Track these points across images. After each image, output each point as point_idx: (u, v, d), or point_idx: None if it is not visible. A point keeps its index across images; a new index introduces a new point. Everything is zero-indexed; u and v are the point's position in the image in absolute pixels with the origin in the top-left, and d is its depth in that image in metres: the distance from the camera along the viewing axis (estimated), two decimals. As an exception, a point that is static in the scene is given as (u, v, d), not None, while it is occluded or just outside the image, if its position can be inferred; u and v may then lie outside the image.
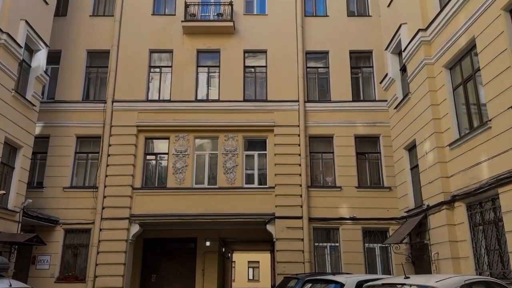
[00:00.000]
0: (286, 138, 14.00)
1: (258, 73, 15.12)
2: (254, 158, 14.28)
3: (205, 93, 14.97)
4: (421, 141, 10.56)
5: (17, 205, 11.20)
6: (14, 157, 11.34)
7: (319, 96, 14.92)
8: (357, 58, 15.23)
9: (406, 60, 11.41)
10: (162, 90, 14.94)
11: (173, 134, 14.21)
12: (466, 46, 8.99)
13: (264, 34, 15.06)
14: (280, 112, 14.27)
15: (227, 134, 14.23)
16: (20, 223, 11.29)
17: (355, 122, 14.19)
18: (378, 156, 14.15)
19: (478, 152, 8.47)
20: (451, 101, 9.64)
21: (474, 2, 8.56)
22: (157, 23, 15.21)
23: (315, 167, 14.19)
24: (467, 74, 9.26)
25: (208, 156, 14.33)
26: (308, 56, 15.11)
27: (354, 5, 15.92)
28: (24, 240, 10.32)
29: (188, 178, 13.80)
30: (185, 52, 14.93)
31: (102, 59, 14.94)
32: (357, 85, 15.01)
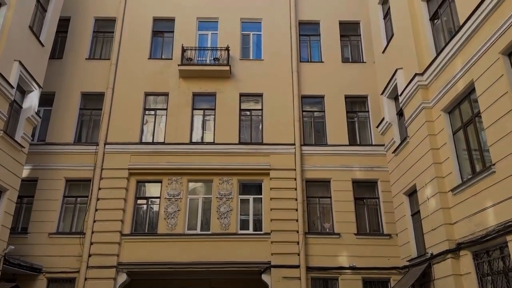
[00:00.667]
0: (283, 182, 13.65)
1: (254, 116, 15.01)
2: (249, 202, 13.84)
3: (200, 135, 14.74)
4: (422, 186, 10.25)
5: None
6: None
7: (315, 139, 14.76)
8: (352, 103, 15.23)
9: (403, 104, 11.35)
10: (156, 133, 14.71)
11: (166, 177, 13.82)
12: (465, 89, 8.93)
13: (260, 78, 15.11)
14: (276, 155, 14.01)
15: (221, 177, 13.86)
16: (0, 272, 10.56)
17: (352, 167, 13.94)
18: (376, 202, 13.78)
19: (482, 197, 8.15)
20: (452, 145, 9.45)
21: (471, 46, 8.59)
22: (154, 66, 15.25)
23: (312, 212, 13.74)
24: (467, 118, 9.14)
25: (202, 200, 13.87)
26: (304, 100, 15.09)
27: (348, 52, 16.16)
28: (2, 290, 9.59)
29: (180, 223, 13.26)
30: (181, 95, 14.86)
31: (96, 101, 14.80)
32: (353, 130, 14.90)
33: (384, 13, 13.64)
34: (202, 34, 16.00)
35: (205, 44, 15.85)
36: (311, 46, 16.16)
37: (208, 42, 15.87)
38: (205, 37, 15.98)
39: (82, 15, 15.91)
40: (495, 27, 7.73)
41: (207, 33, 15.99)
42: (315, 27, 16.20)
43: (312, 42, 16.18)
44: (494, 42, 7.77)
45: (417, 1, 11.00)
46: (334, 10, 16.24)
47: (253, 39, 16.05)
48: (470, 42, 8.64)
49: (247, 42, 15.97)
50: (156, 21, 16.07)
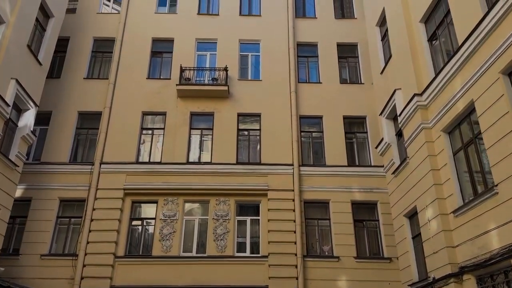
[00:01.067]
0: (281, 203, 13.42)
1: (252, 136, 14.89)
2: (247, 224, 13.56)
3: (197, 155, 14.58)
4: (423, 208, 10.05)
5: (-13, 274, 10.21)
6: (-12, 221, 10.55)
7: (313, 160, 14.61)
8: (351, 124, 15.16)
9: (402, 124, 11.26)
10: (153, 152, 14.55)
11: (161, 198, 13.58)
12: (465, 110, 8.86)
13: (258, 99, 15.07)
14: (274, 175, 13.83)
15: (218, 198, 13.63)
16: (-13, 295, 10.22)
17: (351, 188, 13.75)
18: (376, 224, 13.53)
19: (485, 219, 7.96)
20: (452, 166, 9.31)
21: (470, 66, 8.56)
22: (152, 86, 15.22)
23: (311, 234, 13.47)
24: (468, 138, 9.03)
25: (198, 222, 13.58)
26: (302, 120, 15.02)
27: (346, 73, 16.21)
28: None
29: (175, 245, 12.95)
30: (179, 114, 14.78)
31: (93, 121, 14.70)
32: (352, 150, 14.79)
33: (382, 34, 13.72)
34: (201, 55, 16.05)
35: (203, 64, 15.88)
36: (309, 67, 16.20)
37: (206, 63, 15.91)
38: (204, 58, 16.02)
39: (81, 35, 15.99)
40: (494, 46, 7.72)
41: (205, 53, 16.05)
42: (313, 48, 16.28)
43: (310, 63, 16.23)
44: (494, 61, 7.74)
45: (415, 23, 11.06)
46: (332, 32, 16.38)
47: (252, 59, 16.10)
48: (469, 62, 8.62)
49: (245, 63, 16.02)
50: (155, 42, 16.14)
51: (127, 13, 16.31)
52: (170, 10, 16.91)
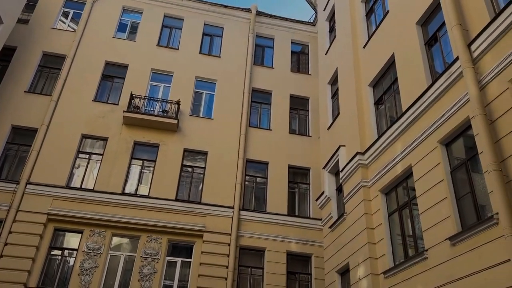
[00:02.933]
0: (216, 247, 12.97)
1: (196, 174, 14.54)
2: (177, 265, 12.88)
3: (134, 187, 13.90)
4: (355, 265, 10.07)
5: None
6: None
7: (255, 205, 14.46)
8: (295, 174, 15.32)
9: (343, 180, 11.49)
10: (86, 178, 13.69)
11: (88, 228, 12.65)
12: (403, 173, 9.20)
13: (207, 137, 14.91)
14: (213, 217, 13.45)
15: (150, 235, 12.93)
16: None
17: (288, 238, 13.65)
18: (309, 278, 13.39)
19: (414, 283, 8.06)
20: (386, 227, 9.50)
21: (411, 133, 8.99)
22: (97, 109, 14.60)
23: (242, 282, 13.02)
24: (403, 201, 9.32)
25: (124, 258, 12.70)
26: (248, 164, 14.97)
27: (296, 124, 16.60)
28: None
29: (95, 282, 11.94)
30: (121, 142, 14.18)
31: (27, 137, 13.71)
32: (293, 200, 14.85)
33: (333, 93, 14.29)
34: (154, 85, 15.79)
35: (156, 95, 15.58)
36: (261, 113, 16.43)
37: (159, 94, 15.63)
38: (157, 89, 15.76)
39: (30, 47, 15.24)
40: (435, 117, 8.19)
41: (159, 84, 15.82)
42: (267, 96, 16.61)
43: (262, 110, 16.48)
44: (434, 131, 8.19)
45: (364, 86, 11.63)
46: (287, 84, 16.88)
47: (206, 97, 16.07)
48: (411, 128, 9.07)
49: (199, 100, 15.95)
50: (108, 65, 15.72)
51: (84, 33, 15.87)
52: (129, 37, 16.69)
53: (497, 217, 6.21)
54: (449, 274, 7.08)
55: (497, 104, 6.73)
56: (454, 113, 7.70)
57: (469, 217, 7.23)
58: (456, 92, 7.72)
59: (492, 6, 7.41)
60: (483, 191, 7.02)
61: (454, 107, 7.70)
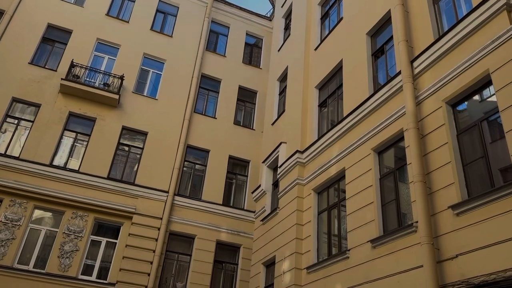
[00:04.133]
0: (145, 230, 12.69)
1: (132, 154, 14.08)
2: (101, 245, 12.44)
3: (64, 160, 13.17)
4: (281, 259, 10.34)
5: None
6: None
7: (190, 192, 14.31)
8: (234, 164, 15.37)
9: (280, 176, 11.72)
10: (12, 145, 12.75)
11: (8, 198, 11.84)
12: (336, 175, 9.56)
13: (149, 117, 14.48)
14: (145, 199, 13.13)
15: (76, 211, 12.37)
16: None
17: (219, 227, 13.69)
18: (235, 268, 13.55)
19: (334, 280, 8.44)
20: (315, 224, 9.84)
21: (348, 138, 9.36)
22: (32, 73, 13.62)
23: (168, 268, 12.88)
24: (333, 202, 9.70)
25: (45, 233, 12.05)
26: (189, 150, 14.76)
27: (241, 116, 16.62)
28: None
29: (10, 254, 11.22)
30: (55, 111, 13.36)
31: None
32: (230, 191, 14.91)
33: (280, 89, 14.49)
34: (98, 56, 15.02)
35: (99, 66, 14.82)
36: (208, 100, 16.26)
37: (102, 66, 14.89)
38: (101, 60, 15.00)
39: (-37, -6, 13.84)
40: (372, 125, 8.59)
41: (104, 56, 15.07)
42: (216, 84, 16.45)
43: (210, 97, 16.31)
44: (369, 138, 8.59)
45: (311, 87, 11.91)
46: (237, 75, 16.82)
47: (152, 76, 15.57)
48: (349, 133, 9.44)
49: (144, 78, 15.42)
50: (50, 28, 14.71)
51: (27, -11, 14.68)
52: (77, 1, 15.68)
53: (416, 225, 6.66)
54: (368, 274, 7.50)
55: (429, 120, 7.19)
56: (390, 124, 8.12)
57: (391, 222, 7.69)
58: (394, 105, 8.14)
59: (437, 27, 7.88)
60: (407, 200, 7.49)
61: (390, 118, 8.12)
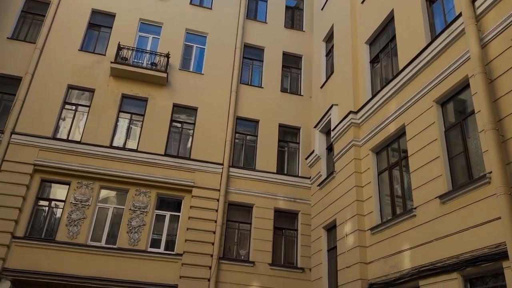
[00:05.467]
0: (205, 202, 13.02)
1: (185, 130, 14.35)
2: (165, 219, 12.95)
3: (122, 141, 13.67)
4: (342, 222, 10.26)
5: None
6: None
7: (244, 163, 14.43)
8: (285, 133, 15.25)
9: (334, 139, 11.48)
10: (73, 130, 13.40)
11: (75, 180, 12.52)
12: (395, 132, 9.19)
13: (197, 92, 14.60)
14: (201, 173, 13.41)
15: (139, 188, 12.88)
16: None
17: (276, 195, 13.76)
18: (295, 234, 13.65)
19: (400, 240, 8.26)
20: (375, 185, 9.61)
21: (407, 92, 8.90)
22: (83, 59, 14.06)
23: (230, 237, 13.21)
24: (394, 160, 9.38)
25: (112, 211, 12.70)
26: (238, 121, 14.79)
27: (287, 82, 16.33)
28: None
29: (83, 232, 11.97)
30: (109, 94, 13.80)
31: (11, 86, 13.19)
32: (282, 159, 14.85)
33: (327, 50, 14.01)
34: (143, 36, 15.21)
35: (144, 46, 15.04)
36: (253, 70, 16.09)
37: (147, 46, 15.10)
38: (145, 40, 15.20)
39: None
40: (432, 76, 8.09)
41: (148, 36, 15.24)
42: (260, 52, 16.20)
43: (254, 67, 16.12)
44: (430, 90, 8.11)
45: (361, 43, 11.38)
46: (280, 41, 16.42)
47: (196, 51, 15.59)
48: (406, 87, 8.97)
49: (189, 53, 15.46)
50: (94, 13, 15.02)
51: (69, -22, 15.01)
52: (117, -16, 15.84)
53: (490, 176, 6.27)
54: (437, 231, 7.24)
55: (498, 63, 6.63)
56: (452, 71, 7.59)
57: (460, 176, 7.31)
58: (456, 51, 7.58)
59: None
60: (476, 151, 7.06)
61: (452, 65, 7.59)
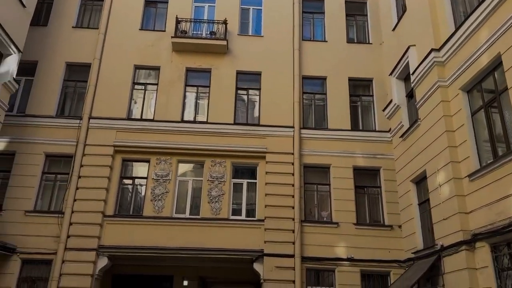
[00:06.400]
0: (279, 166, 12.75)
1: (251, 96, 14.05)
2: (243, 187, 12.93)
3: (192, 114, 13.75)
4: (433, 172, 9.41)
5: (-36, 227, 9.50)
6: (-35, 171, 9.74)
7: (315, 123, 13.86)
8: (356, 86, 14.34)
9: (415, 84, 10.47)
10: (145, 109, 13.70)
11: (154, 157, 12.84)
12: (489, 65, 8.06)
13: (259, 56, 14.14)
14: (273, 138, 13.09)
15: (214, 159, 12.92)
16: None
17: (354, 153, 13.09)
18: (378, 191, 12.96)
19: (506, 183, 7.32)
20: (470, 127, 8.60)
21: (498, 17, 7.71)
22: (145, 38, 14.18)
23: (310, 199, 12.88)
24: (490, 97, 8.28)
25: (192, 183, 12.92)
26: (305, 81, 14.14)
27: (353, 32, 15.23)
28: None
29: (167, 206, 12.32)
30: (174, 69, 13.85)
31: (82, 73, 13.72)
32: (356, 114, 14.02)
33: (395, -11, 12.73)
34: (198, 6, 14.95)
35: (201, 16, 14.80)
36: (315, 24, 15.19)
37: (204, 15, 14.83)
38: (202, 9, 14.92)
39: (70, -19, 14.75)
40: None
41: (203, 5, 14.94)
42: (319, 4, 15.21)
43: (315, 20, 15.21)
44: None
45: (434, -28, 10.09)
46: (340, -12, 15.27)
47: (253, 14, 15.02)
48: (496, 12, 7.77)
49: (246, 17, 14.96)
50: (149, -11, 15.00)
51: (119, -41, 15.03)
52: (167, -43, 15.60)
53: None
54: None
55: None
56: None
57: None
58: None
59: None
60: None
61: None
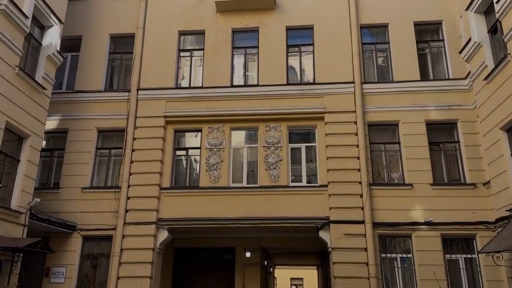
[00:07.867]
0: (340, 127, 11.62)
1: (304, 53, 12.88)
2: (301, 151, 11.97)
3: (242, 77, 12.89)
4: (531, 114, 7.87)
5: (23, 205, 9.37)
6: (19, 148, 9.56)
7: (378, 76, 12.48)
8: (423, 31, 12.69)
9: (501, 13, 8.80)
10: (193, 76, 13.03)
11: (206, 126, 12.18)
12: None
13: (310, 8, 12.87)
14: (331, 96, 11.93)
15: (268, 124, 12.02)
16: (26, 227, 9.45)
17: (425, 106, 11.64)
18: (456, 146, 11.48)
19: None
20: None
21: None
22: (187, 1, 13.36)
23: (377, 161, 11.68)
24: None
25: (247, 150, 12.15)
26: (363, 30, 12.73)
27: (415, -31, 13.44)
28: (24, 245, 8.40)
29: (224, 176, 11.66)
30: (219, 32, 12.97)
31: (126, 45, 13.27)
32: (425, 62, 12.44)
33: None
34: (241, -40, 13.83)
35: (244, -29, 13.69)
36: (370, -35, 13.57)
37: (247, -31, 13.70)
38: (244, -37, 13.80)
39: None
40: None
41: (246, -42, 13.81)
42: None
43: (371, -39, 13.58)
44: None
45: None
46: None
47: (297, -39, 13.68)
48: None
49: (292, -35, 13.65)
50: (184, -48, 14.08)
51: None
52: None
53: None
54: None
55: None
56: None
57: None
58: None
59: None
60: None
61: None
